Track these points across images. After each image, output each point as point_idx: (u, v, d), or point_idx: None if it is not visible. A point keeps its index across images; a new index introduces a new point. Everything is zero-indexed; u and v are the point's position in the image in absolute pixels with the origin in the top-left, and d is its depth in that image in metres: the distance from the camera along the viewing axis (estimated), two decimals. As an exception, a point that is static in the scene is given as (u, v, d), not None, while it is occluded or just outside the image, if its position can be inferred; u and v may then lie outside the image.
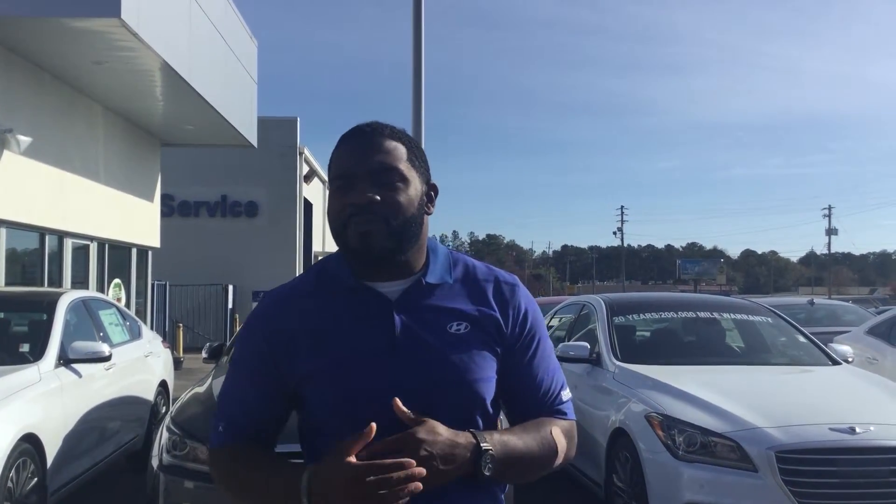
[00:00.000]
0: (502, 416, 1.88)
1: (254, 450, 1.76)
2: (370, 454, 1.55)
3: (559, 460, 1.78)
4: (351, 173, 1.71)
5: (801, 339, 7.29)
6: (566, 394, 1.86)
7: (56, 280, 12.09)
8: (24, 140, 10.45)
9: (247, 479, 1.72)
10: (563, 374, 1.90)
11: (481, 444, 1.63)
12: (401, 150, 1.75)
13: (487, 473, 1.64)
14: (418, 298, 1.75)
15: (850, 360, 6.99)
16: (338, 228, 1.73)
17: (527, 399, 1.82)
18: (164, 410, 8.47)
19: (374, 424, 1.57)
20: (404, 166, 1.73)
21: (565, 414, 1.84)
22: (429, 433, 1.59)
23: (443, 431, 1.61)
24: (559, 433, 1.78)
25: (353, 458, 1.55)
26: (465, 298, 1.78)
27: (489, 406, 1.77)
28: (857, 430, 4.96)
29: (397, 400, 1.60)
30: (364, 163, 1.71)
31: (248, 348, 1.81)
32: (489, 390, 1.76)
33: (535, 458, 1.74)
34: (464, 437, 1.63)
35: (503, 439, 1.69)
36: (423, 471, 1.54)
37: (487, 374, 1.75)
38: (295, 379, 1.74)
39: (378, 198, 1.68)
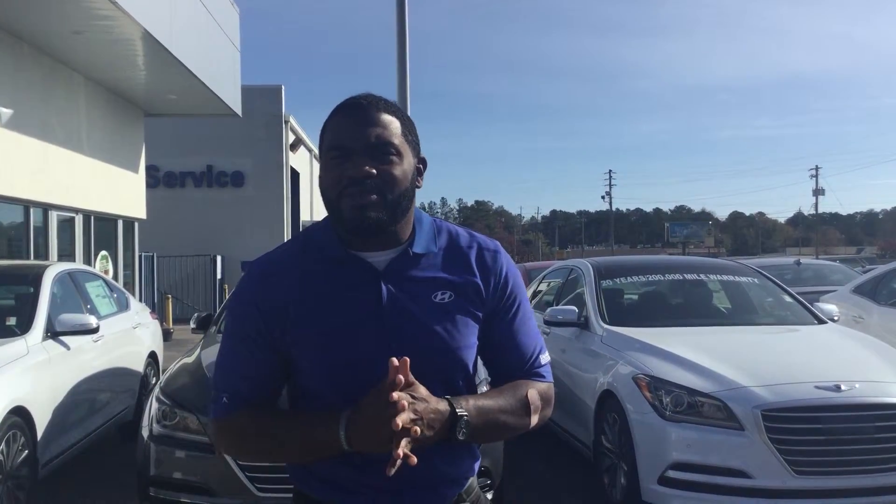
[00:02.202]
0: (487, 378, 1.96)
1: (268, 410, 1.81)
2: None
3: (534, 421, 1.85)
4: (347, 146, 1.74)
5: (787, 298, 7.33)
6: (545, 357, 1.93)
7: (42, 253, 12.02)
8: (6, 112, 10.34)
9: (273, 434, 1.76)
10: (542, 338, 1.97)
11: (457, 411, 1.69)
12: (396, 124, 1.78)
13: (461, 438, 1.70)
14: (405, 268, 1.80)
15: (835, 318, 7.04)
16: (332, 199, 1.76)
17: (507, 361, 1.89)
18: (154, 381, 8.48)
19: (405, 359, 1.63)
20: (399, 141, 1.77)
21: (543, 377, 1.91)
22: (419, 399, 1.65)
23: (429, 399, 1.67)
24: (535, 394, 1.85)
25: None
26: (449, 267, 1.84)
27: (471, 370, 1.86)
28: (843, 387, 5.00)
29: (394, 360, 1.63)
30: (361, 136, 1.74)
31: (240, 318, 1.83)
32: (471, 356, 1.84)
33: (509, 419, 1.81)
34: (442, 405, 1.69)
35: (477, 405, 1.75)
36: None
37: (470, 341, 1.83)
38: (286, 344, 1.78)
39: (374, 171, 1.72)
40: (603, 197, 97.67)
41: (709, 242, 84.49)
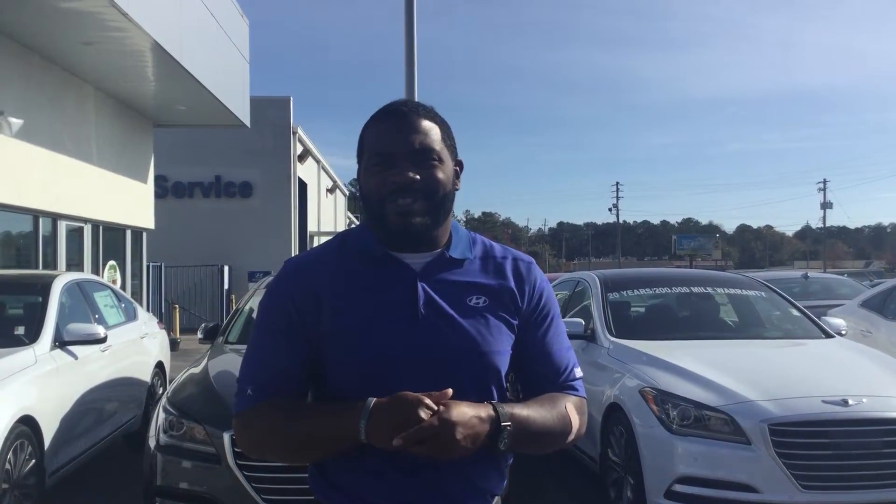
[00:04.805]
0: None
1: (292, 401, 1.79)
2: (405, 438, 1.60)
3: (572, 436, 1.85)
4: (391, 152, 1.76)
5: (795, 312, 7.31)
6: (579, 371, 1.94)
7: (51, 263, 12.07)
8: (16, 122, 10.40)
9: (294, 424, 1.73)
10: (574, 353, 1.97)
11: (502, 423, 1.68)
12: (436, 130, 1.81)
13: (503, 448, 1.70)
14: (441, 271, 1.82)
15: (843, 332, 7.02)
16: (374, 204, 1.78)
17: (540, 374, 1.89)
18: (161, 391, 8.49)
19: (450, 391, 1.64)
20: (440, 147, 1.80)
21: (577, 390, 1.91)
22: (460, 415, 1.63)
23: (468, 411, 1.65)
24: (573, 409, 1.85)
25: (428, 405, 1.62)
26: (484, 274, 1.86)
27: (503, 378, 1.85)
28: (850, 402, 4.98)
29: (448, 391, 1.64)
30: (404, 143, 1.76)
31: (274, 311, 1.82)
32: (504, 363, 1.83)
33: (550, 433, 1.81)
34: (485, 413, 1.68)
35: (523, 415, 1.74)
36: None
37: (503, 347, 1.82)
38: (318, 338, 1.77)
39: (418, 177, 1.75)
40: (610, 209, 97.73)
41: (716, 255, 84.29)
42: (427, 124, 1.80)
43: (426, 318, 1.76)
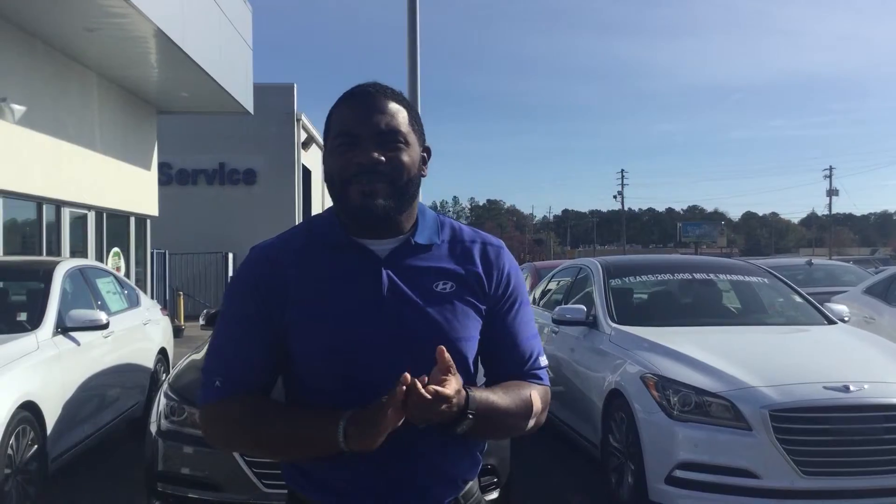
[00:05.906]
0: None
1: (263, 399, 1.76)
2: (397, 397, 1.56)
3: (531, 424, 1.83)
4: (356, 133, 1.73)
5: (798, 299, 7.30)
6: (544, 359, 1.91)
7: (54, 249, 12.10)
8: (19, 109, 10.40)
9: (267, 425, 1.71)
10: (540, 341, 1.95)
11: (467, 411, 1.65)
12: (403, 113, 1.78)
13: (458, 432, 1.68)
14: (406, 257, 1.79)
15: (846, 319, 7.00)
16: (338, 186, 1.75)
17: (506, 359, 1.87)
18: (164, 378, 8.51)
19: (407, 375, 1.55)
20: (406, 129, 1.77)
21: (541, 379, 1.89)
22: (458, 394, 1.62)
23: (458, 395, 1.63)
24: (537, 398, 1.83)
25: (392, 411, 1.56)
26: (451, 259, 1.82)
27: (471, 365, 1.82)
28: (851, 388, 4.98)
29: (406, 375, 1.56)
30: (370, 124, 1.73)
31: (239, 298, 1.80)
32: (471, 349, 1.80)
33: (511, 422, 1.79)
34: (458, 397, 1.64)
35: (489, 403, 1.71)
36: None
37: (470, 333, 1.79)
38: (284, 326, 1.75)
39: (383, 158, 1.71)
40: (615, 196, 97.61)
41: (721, 242, 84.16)
42: (394, 106, 1.77)
43: (390, 305, 1.73)
